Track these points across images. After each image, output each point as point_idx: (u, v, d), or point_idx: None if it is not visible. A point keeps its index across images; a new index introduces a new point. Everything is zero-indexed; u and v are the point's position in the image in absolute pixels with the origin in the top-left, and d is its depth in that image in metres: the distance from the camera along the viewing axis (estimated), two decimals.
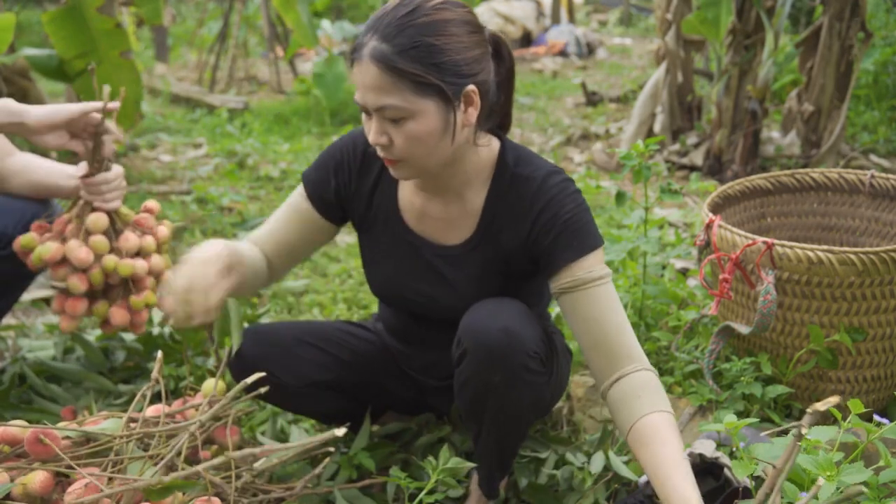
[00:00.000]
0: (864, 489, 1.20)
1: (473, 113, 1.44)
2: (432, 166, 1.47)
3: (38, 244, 1.90)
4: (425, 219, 1.63)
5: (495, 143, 1.58)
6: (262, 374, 1.50)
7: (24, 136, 1.81)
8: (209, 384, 1.69)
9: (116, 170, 1.94)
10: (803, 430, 1.11)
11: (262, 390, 1.60)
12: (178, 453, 1.47)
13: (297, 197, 1.68)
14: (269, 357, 1.69)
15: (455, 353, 1.55)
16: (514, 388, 1.50)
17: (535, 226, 1.53)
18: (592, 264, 1.50)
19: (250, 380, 1.47)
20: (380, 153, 1.46)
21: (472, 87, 1.41)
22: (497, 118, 1.57)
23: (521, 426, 1.62)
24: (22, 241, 1.90)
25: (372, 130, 1.42)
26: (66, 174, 1.98)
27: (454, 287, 1.62)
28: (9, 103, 1.78)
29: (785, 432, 1.66)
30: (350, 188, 1.65)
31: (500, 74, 1.51)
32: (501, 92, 1.54)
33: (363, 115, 1.46)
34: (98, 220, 1.91)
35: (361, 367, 1.79)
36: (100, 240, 1.91)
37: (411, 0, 1.39)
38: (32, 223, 1.94)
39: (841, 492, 1.20)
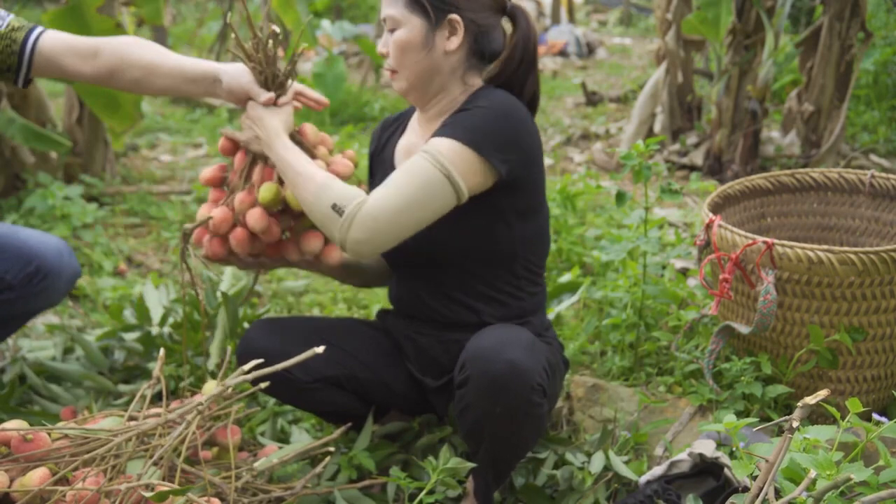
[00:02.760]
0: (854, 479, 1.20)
1: (455, 41, 1.62)
2: (412, 77, 1.65)
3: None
4: (408, 153, 1.75)
5: (479, 83, 1.70)
6: (260, 360, 1.52)
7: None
8: (210, 385, 1.69)
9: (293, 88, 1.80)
10: (794, 424, 1.11)
11: (263, 385, 1.61)
12: (177, 452, 1.47)
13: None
14: (280, 349, 1.69)
15: (458, 377, 1.55)
16: (516, 419, 1.52)
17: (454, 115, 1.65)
18: (441, 145, 1.55)
19: (248, 366, 1.48)
20: (384, 67, 1.69)
21: (455, 16, 1.61)
22: (496, 70, 1.68)
23: (520, 451, 1.65)
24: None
25: (380, 42, 1.68)
26: (220, 68, 1.81)
27: None
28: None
29: (779, 428, 1.66)
30: (373, 152, 1.89)
31: (514, 37, 1.67)
32: (511, 52, 1.67)
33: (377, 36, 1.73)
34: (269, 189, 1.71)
35: (369, 364, 1.79)
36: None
37: None
38: None
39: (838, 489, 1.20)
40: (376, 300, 2.92)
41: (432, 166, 1.53)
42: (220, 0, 8.69)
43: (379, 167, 1.84)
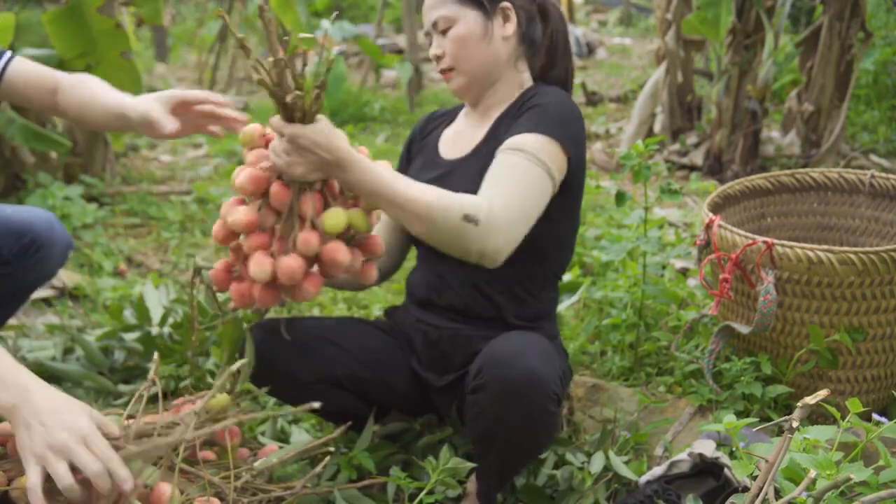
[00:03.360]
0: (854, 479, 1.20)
1: (510, 27, 1.68)
2: (475, 70, 1.67)
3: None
4: (455, 144, 1.78)
5: (529, 79, 1.75)
6: (244, 360, 1.49)
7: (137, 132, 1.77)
8: (219, 400, 1.68)
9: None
10: (794, 424, 1.11)
11: (264, 390, 1.60)
12: (176, 451, 1.47)
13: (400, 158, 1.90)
14: (284, 349, 1.69)
15: (473, 382, 1.54)
16: (530, 427, 1.51)
17: (520, 110, 1.66)
18: (527, 140, 1.55)
19: (235, 367, 1.47)
20: (437, 68, 1.70)
21: (506, 3, 1.66)
22: (542, 58, 1.74)
23: (530, 457, 1.65)
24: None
25: (433, 46, 1.70)
26: (130, 105, 1.75)
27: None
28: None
29: (779, 428, 1.66)
30: (414, 140, 1.90)
31: (548, 27, 1.73)
32: (552, 40, 1.74)
33: (429, 44, 1.72)
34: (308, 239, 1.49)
35: (370, 364, 1.79)
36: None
37: None
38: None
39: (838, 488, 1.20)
40: (376, 300, 2.92)
41: (533, 163, 1.52)
42: (219, 0, 8.69)
43: (419, 152, 1.86)
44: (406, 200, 1.45)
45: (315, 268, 1.54)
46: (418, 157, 1.85)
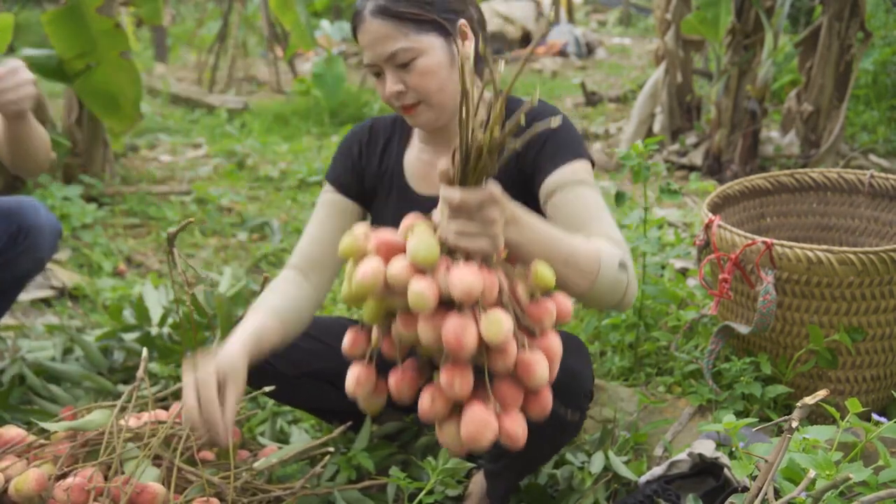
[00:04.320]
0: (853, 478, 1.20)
1: (470, 45, 1.54)
2: (446, 100, 1.54)
3: None
4: (429, 177, 1.66)
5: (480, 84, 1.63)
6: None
7: None
8: None
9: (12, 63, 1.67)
10: (794, 424, 1.11)
11: (267, 389, 1.60)
12: (175, 451, 1.47)
13: (323, 196, 1.73)
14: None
15: None
16: (564, 426, 1.51)
17: (528, 141, 1.53)
18: (579, 170, 1.52)
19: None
20: (396, 105, 1.55)
21: (462, 21, 1.54)
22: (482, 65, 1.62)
23: (552, 455, 1.67)
24: None
25: (388, 83, 1.52)
26: None
27: None
28: None
29: (779, 428, 1.66)
30: (362, 161, 1.73)
31: (481, 27, 1.62)
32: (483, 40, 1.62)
33: (376, 80, 1.56)
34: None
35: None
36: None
37: None
38: None
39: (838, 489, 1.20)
40: None
41: (596, 189, 1.52)
42: (219, 0, 8.69)
43: (377, 184, 1.71)
44: (572, 253, 1.28)
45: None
46: (381, 192, 1.71)
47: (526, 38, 9.75)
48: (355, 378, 1.28)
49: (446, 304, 1.15)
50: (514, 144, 1.13)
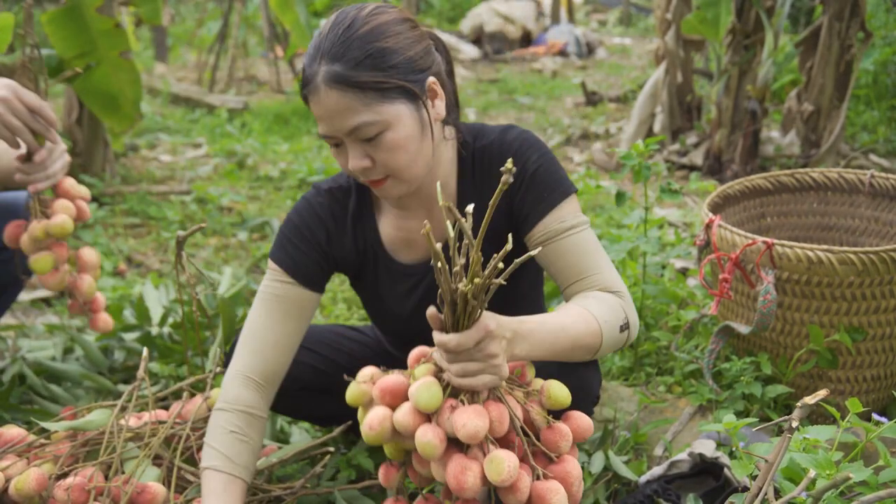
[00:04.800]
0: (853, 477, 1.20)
1: (441, 104, 1.42)
2: (419, 172, 1.41)
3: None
4: (412, 244, 1.57)
5: (453, 132, 1.55)
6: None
7: None
8: (216, 394, 1.68)
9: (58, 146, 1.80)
10: (794, 424, 1.11)
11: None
12: (177, 452, 1.47)
13: (275, 287, 1.52)
14: None
15: None
16: None
17: (509, 187, 1.46)
18: (565, 214, 1.46)
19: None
20: (362, 179, 1.41)
21: (431, 78, 1.39)
22: (455, 109, 1.54)
23: None
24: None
25: (350, 158, 1.37)
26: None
27: None
28: None
29: (779, 428, 1.66)
30: (332, 248, 1.57)
31: (447, 63, 1.50)
32: (450, 80, 1.51)
33: (332, 150, 1.41)
34: None
35: (357, 371, 1.78)
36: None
37: (345, 16, 1.36)
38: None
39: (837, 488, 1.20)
40: None
41: (587, 227, 1.48)
42: (219, 0, 8.69)
43: (354, 267, 1.61)
44: (575, 339, 1.31)
45: None
46: (365, 269, 1.61)
47: (526, 38, 9.75)
48: None
49: (456, 442, 1.16)
50: (499, 281, 1.12)
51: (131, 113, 3.79)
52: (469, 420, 1.12)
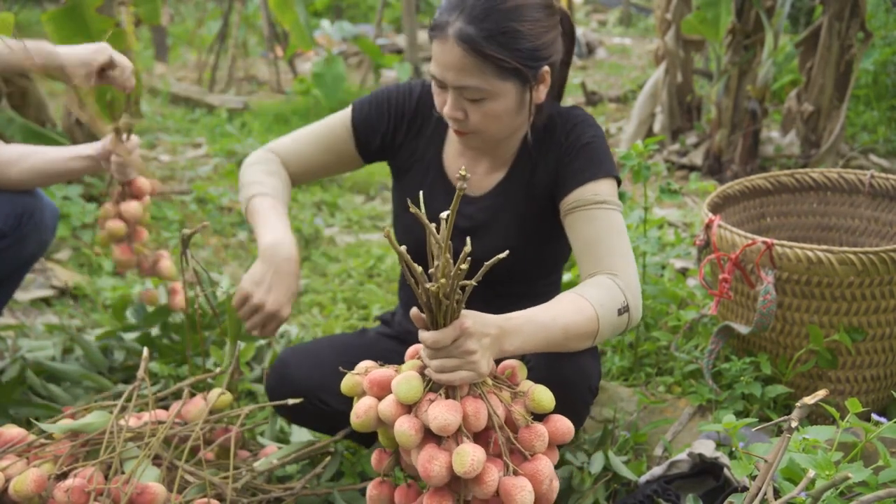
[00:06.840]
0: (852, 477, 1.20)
1: (544, 90, 1.52)
2: (500, 137, 1.55)
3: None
4: (454, 172, 1.66)
5: None
6: (299, 399, 1.57)
7: (61, 80, 1.87)
8: (216, 394, 1.68)
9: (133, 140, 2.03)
10: (794, 424, 1.11)
11: (291, 401, 1.64)
12: (178, 452, 1.47)
13: (339, 121, 1.72)
14: (314, 378, 1.67)
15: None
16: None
17: (561, 150, 1.57)
18: (601, 190, 1.52)
19: (291, 401, 1.58)
20: (452, 125, 1.52)
21: (546, 68, 1.49)
22: (558, 95, 1.65)
23: None
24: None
25: (448, 105, 1.48)
26: (70, 155, 2.00)
27: (485, 234, 1.62)
28: (43, 45, 1.83)
29: (778, 428, 1.66)
30: (398, 135, 1.71)
31: (566, 52, 1.59)
32: (563, 69, 1.63)
33: (434, 85, 1.51)
34: None
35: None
36: None
37: None
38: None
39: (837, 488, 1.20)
40: (376, 300, 2.92)
41: (616, 210, 1.52)
42: (219, 0, 8.69)
43: (411, 157, 1.71)
44: (567, 327, 1.35)
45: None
46: (416, 175, 1.71)
47: None
48: (371, 496, 1.36)
49: (434, 433, 1.22)
50: (471, 283, 1.18)
51: (131, 113, 3.79)
52: (440, 413, 1.19)
